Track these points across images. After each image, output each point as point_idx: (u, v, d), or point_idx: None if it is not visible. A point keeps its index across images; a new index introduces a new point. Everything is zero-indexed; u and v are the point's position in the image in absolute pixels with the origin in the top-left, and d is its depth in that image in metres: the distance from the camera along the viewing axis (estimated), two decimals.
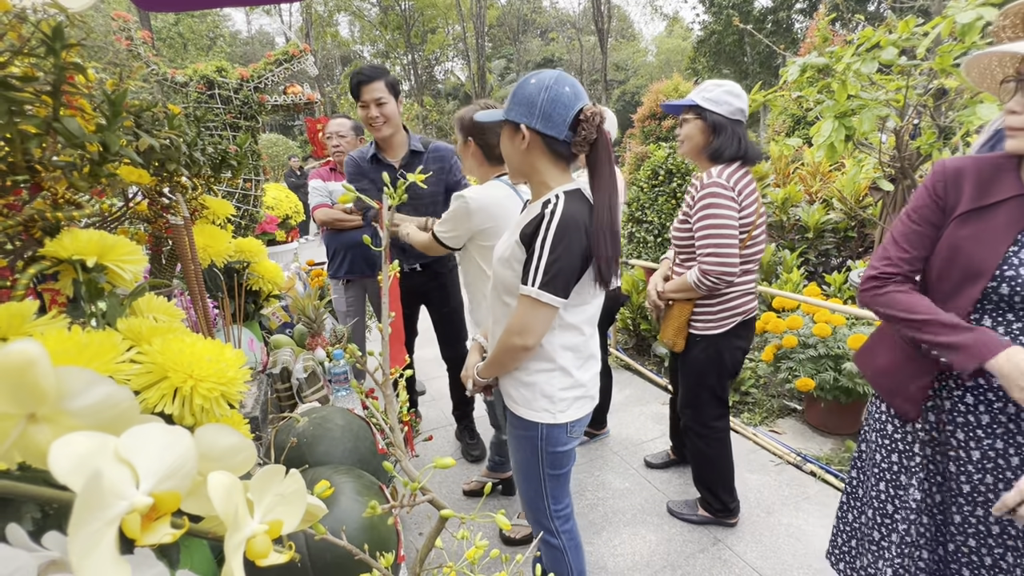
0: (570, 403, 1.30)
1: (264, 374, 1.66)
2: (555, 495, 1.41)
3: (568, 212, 1.15)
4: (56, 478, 0.27)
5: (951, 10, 2.29)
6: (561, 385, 1.28)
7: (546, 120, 1.17)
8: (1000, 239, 1.00)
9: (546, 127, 1.17)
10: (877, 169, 3.13)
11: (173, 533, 0.31)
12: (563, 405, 1.29)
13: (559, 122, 1.17)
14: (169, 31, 21.82)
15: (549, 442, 1.32)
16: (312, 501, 0.44)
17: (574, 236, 1.14)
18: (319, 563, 0.84)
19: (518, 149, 1.21)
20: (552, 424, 1.30)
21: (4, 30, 0.80)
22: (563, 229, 1.14)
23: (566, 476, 1.41)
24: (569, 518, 1.46)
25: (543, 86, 1.16)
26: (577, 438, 1.37)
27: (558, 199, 1.17)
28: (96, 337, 0.61)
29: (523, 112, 1.17)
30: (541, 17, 33.45)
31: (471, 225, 1.71)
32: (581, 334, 1.29)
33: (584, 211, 1.19)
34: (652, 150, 5.41)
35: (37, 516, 0.53)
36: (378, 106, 2.17)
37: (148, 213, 1.31)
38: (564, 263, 1.14)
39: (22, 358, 0.30)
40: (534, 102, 1.16)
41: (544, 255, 1.14)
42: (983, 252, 1.01)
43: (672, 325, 1.93)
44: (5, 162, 0.73)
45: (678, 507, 2.19)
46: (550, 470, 1.37)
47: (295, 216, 6.73)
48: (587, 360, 1.33)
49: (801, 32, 20.41)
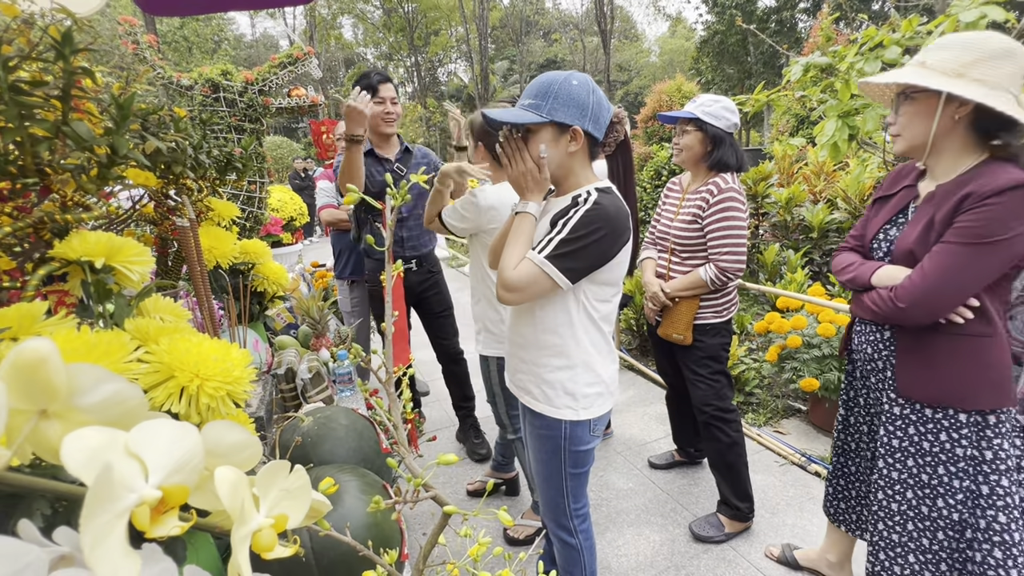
0: (593, 399, 1.29)
1: (269, 375, 1.67)
2: (575, 494, 1.40)
3: (603, 203, 1.16)
4: (68, 471, 0.28)
5: (955, 9, 2.28)
6: (585, 381, 1.28)
7: (595, 122, 1.18)
8: (882, 218, 1.38)
9: (595, 129, 1.19)
10: (881, 168, 3.12)
11: (181, 526, 0.31)
12: (586, 402, 1.29)
13: (604, 124, 1.20)
14: (174, 35, 21.97)
15: (573, 440, 1.31)
16: (316, 497, 0.44)
17: (604, 228, 1.14)
18: (323, 560, 0.85)
19: (563, 151, 1.19)
20: (575, 421, 1.29)
21: (13, 35, 0.82)
22: (594, 218, 1.14)
23: (586, 475, 1.41)
24: (586, 518, 1.46)
25: (589, 88, 1.17)
26: (599, 436, 1.36)
27: (590, 193, 1.19)
28: (105, 337, 0.62)
29: (574, 114, 1.15)
30: (544, 18, 33.48)
31: (479, 221, 1.76)
32: (602, 330, 1.29)
33: (622, 208, 1.20)
34: (655, 151, 5.41)
35: (47, 512, 0.54)
36: (392, 104, 2.35)
37: (154, 215, 1.32)
38: (580, 247, 1.14)
39: (35, 355, 0.31)
40: (585, 104, 1.16)
41: (563, 232, 1.14)
42: (871, 227, 1.41)
43: (682, 320, 1.98)
44: (15, 165, 0.75)
45: (702, 528, 2.06)
46: (572, 469, 1.36)
47: (299, 218, 6.77)
48: (608, 356, 1.33)
49: (805, 32, 20.36)
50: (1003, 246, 1.14)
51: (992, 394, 1.23)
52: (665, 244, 2.05)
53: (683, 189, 2.08)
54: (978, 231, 1.14)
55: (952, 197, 1.19)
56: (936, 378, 1.26)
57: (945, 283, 1.18)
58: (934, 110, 1.17)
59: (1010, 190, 1.11)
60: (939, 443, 1.28)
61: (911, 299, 1.21)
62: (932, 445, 1.29)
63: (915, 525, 1.34)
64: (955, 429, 1.26)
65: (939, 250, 1.19)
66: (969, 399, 1.24)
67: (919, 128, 1.22)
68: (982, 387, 1.23)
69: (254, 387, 0.77)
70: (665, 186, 2.23)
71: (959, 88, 1.11)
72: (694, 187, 2.00)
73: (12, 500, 0.53)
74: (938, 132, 1.19)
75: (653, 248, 2.16)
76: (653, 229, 2.16)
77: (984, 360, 1.23)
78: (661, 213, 2.13)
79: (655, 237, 2.13)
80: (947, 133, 1.19)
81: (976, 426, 1.25)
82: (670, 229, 2.02)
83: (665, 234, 2.05)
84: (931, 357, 1.27)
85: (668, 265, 2.04)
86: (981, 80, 1.12)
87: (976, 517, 1.27)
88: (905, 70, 1.22)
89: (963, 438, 1.26)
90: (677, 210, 2.03)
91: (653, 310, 2.08)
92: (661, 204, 2.16)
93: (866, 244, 1.40)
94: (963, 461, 1.26)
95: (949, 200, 1.19)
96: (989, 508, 1.25)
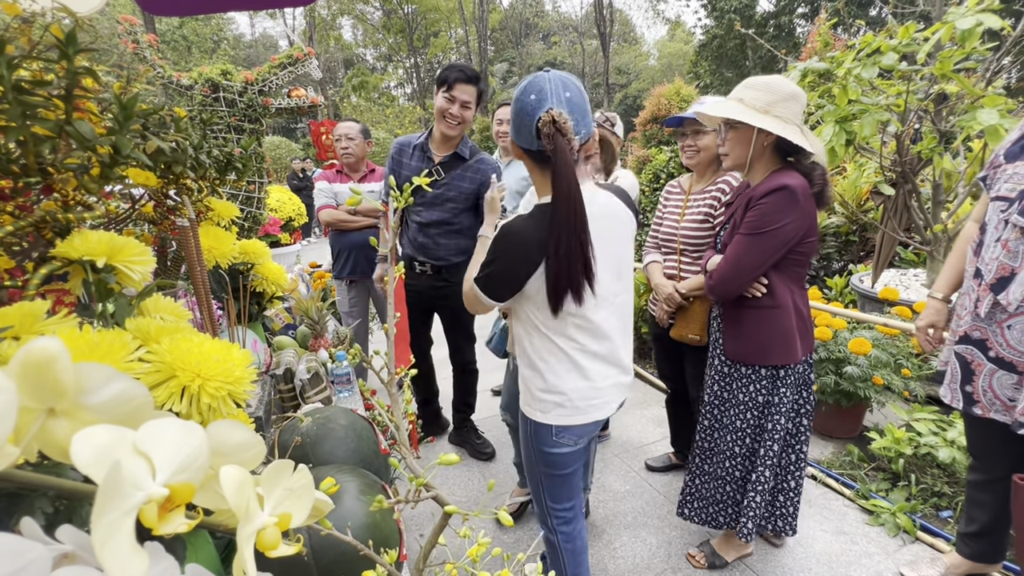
0: (550, 407, 1.29)
1: (268, 375, 1.67)
2: (552, 495, 1.42)
3: (507, 226, 1.16)
4: (78, 468, 0.28)
5: (951, 16, 2.30)
6: (538, 386, 1.30)
7: (517, 133, 1.17)
8: (722, 220, 1.77)
9: (519, 140, 1.17)
10: (878, 173, 3.14)
11: (187, 523, 0.32)
12: (541, 406, 1.30)
13: (526, 133, 1.13)
14: (173, 34, 21.94)
15: (537, 439, 1.34)
16: (319, 496, 0.45)
17: (500, 251, 1.16)
18: (323, 560, 0.85)
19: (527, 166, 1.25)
20: (537, 422, 1.32)
21: (15, 35, 0.82)
22: (497, 240, 1.16)
23: (564, 479, 1.41)
24: (570, 521, 1.47)
25: (515, 98, 1.16)
26: (568, 446, 1.34)
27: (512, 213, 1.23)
28: (107, 336, 0.62)
29: (512, 129, 1.20)
30: (543, 21, 33.57)
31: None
32: (562, 346, 1.24)
33: (526, 228, 1.14)
34: (653, 154, 5.42)
35: (49, 511, 0.54)
36: (462, 107, 2.15)
37: (154, 215, 1.32)
38: (491, 272, 1.18)
39: (44, 354, 0.31)
40: (513, 117, 1.17)
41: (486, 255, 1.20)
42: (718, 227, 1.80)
43: (697, 320, 1.99)
44: (18, 164, 0.75)
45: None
46: (544, 468, 1.38)
47: (298, 218, 6.76)
48: (573, 371, 1.26)
49: (803, 37, 20.44)
50: (772, 235, 1.49)
51: (781, 352, 1.61)
52: (672, 246, 2.06)
53: (685, 191, 2.09)
54: (754, 224, 1.51)
55: (744, 200, 1.58)
56: (744, 341, 1.65)
57: (737, 264, 1.56)
58: (750, 138, 1.53)
59: (773, 192, 1.48)
60: (747, 393, 1.69)
61: (718, 278, 1.61)
62: (744, 396, 1.69)
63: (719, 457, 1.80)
64: (757, 380, 1.67)
65: (734, 240, 1.58)
66: (764, 355, 1.63)
67: (741, 150, 1.57)
68: (775, 347, 1.61)
69: (254, 387, 0.78)
70: (664, 189, 2.24)
71: (767, 124, 1.46)
72: (699, 187, 2.02)
73: (14, 498, 0.53)
74: (754, 154, 1.55)
75: (656, 251, 2.16)
76: (656, 232, 2.17)
77: (774, 326, 1.60)
78: (664, 216, 2.13)
79: (659, 240, 2.13)
80: (759, 154, 1.56)
81: (771, 378, 1.66)
82: (677, 230, 2.02)
83: (671, 236, 2.05)
84: (741, 326, 1.66)
85: (678, 266, 2.05)
86: (779, 116, 1.48)
87: (759, 445, 1.71)
88: (731, 105, 1.54)
89: (762, 388, 1.67)
90: (682, 211, 2.04)
91: (667, 311, 2.05)
92: (662, 207, 2.17)
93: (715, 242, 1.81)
94: (762, 406, 1.69)
95: (743, 203, 1.59)
96: (769, 440, 1.69)
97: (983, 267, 1.41)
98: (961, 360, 1.52)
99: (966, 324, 1.49)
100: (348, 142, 2.82)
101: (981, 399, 1.48)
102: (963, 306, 1.52)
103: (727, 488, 1.81)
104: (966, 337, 1.49)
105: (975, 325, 1.46)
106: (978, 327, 1.45)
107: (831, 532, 2.07)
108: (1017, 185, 1.31)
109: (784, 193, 1.46)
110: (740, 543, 1.91)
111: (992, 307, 1.39)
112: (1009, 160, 1.37)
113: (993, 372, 1.43)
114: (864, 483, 2.28)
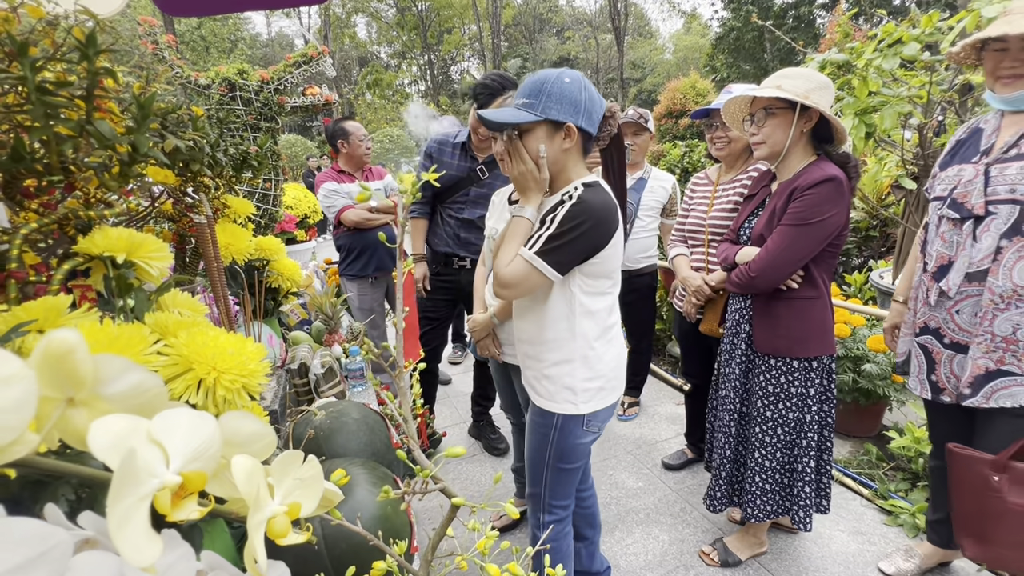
0: (593, 394, 1.31)
1: (283, 369, 1.70)
2: (554, 489, 1.43)
3: (586, 198, 1.18)
4: (95, 455, 0.29)
5: (977, 3, 2.24)
6: (583, 376, 1.29)
7: (588, 118, 1.21)
8: (746, 212, 1.76)
9: (589, 125, 1.21)
10: (900, 167, 3.06)
11: (200, 511, 0.33)
12: (585, 396, 1.30)
13: (596, 120, 1.23)
14: (192, 34, 22.29)
15: (562, 433, 1.34)
16: (329, 487, 0.46)
17: (589, 221, 1.16)
18: (335, 550, 0.87)
19: (558, 148, 1.22)
20: (570, 415, 1.32)
21: (38, 36, 0.84)
22: (579, 212, 1.16)
23: (571, 474, 1.42)
24: (562, 520, 1.47)
25: (581, 85, 1.19)
26: (593, 433, 1.38)
27: (577, 189, 1.21)
28: (126, 330, 0.64)
29: (568, 111, 1.18)
30: (557, 16, 33.36)
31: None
32: (603, 323, 1.30)
33: (608, 200, 1.21)
34: (668, 148, 5.37)
35: (71, 498, 0.56)
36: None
37: (173, 212, 1.35)
38: (567, 242, 1.16)
39: (64, 346, 0.32)
40: (578, 101, 1.18)
41: (551, 228, 1.16)
42: (738, 221, 1.77)
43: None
44: (41, 163, 0.77)
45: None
46: (556, 462, 1.38)
47: (313, 216, 6.84)
48: (610, 348, 1.33)
49: (822, 28, 20.02)
50: (819, 226, 1.49)
51: (818, 343, 1.60)
52: (699, 238, 2.03)
53: (713, 182, 2.06)
54: (800, 215, 1.50)
55: (786, 191, 1.55)
56: (781, 333, 1.63)
57: (781, 256, 1.53)
58: (790, 123, 1.52)
59: (821, 183, 1.47)
60: (779, 385, 1.66)
61: (759, 269, 1.57)
62: (775, 387, 1.67)
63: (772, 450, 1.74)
64: (790, 372, 1.64)
65: (777, 232, 1.55)
66: (802, 347, 1.60)
67: (780, 135, 1.55)
68: (812, 338, 1.60)
69: (268, 380, 0.79)
70: (690, 182, 2.21)
71: (818, 103, 1.47)
72: (729, 177, 1.99)
73: (39, 486, 0.55)
74: (792, 140, 1.53)
75: (683, 244, 2.13)
76: (681, 225, 2.14)
77: (813, 316, 1.60)
78: (691, 208, 2.10)
79: (685, 233, 2.11)
80: (797, 141, 1.55)
81: (804, 369, 1.63)
82: (704, 222, 1.99)
83: (698, 228, 2.02)
84: (777, 317, 1.63)
85: (706, 258, 2.02)
86: (816, 103, 1.48)
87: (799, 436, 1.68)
88: (773, 89, 1.52)
89: (794, 379, 1.64)
90: (710, 203, 2.01)
91: (696, 305, 2.00)
92: (688, 199, 2.14)
93: (737, 235, 1.77)
94: (795, 397, 1.65)
95: (784, 193, 1.56)
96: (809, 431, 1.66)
97: (928, 260, 1.54)
98: (924, 350, 1.58)
99: (923, 315, 1.57)
100: (368, 143, 2.88)
101: (947, 386, 1.53)
102: (917, 299, 1.61)
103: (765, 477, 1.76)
104: (925, 327, 1.57)
105: (930, 315, 1.54)
106: (932, 316, 1.54)
107: (848, 532, 2.04)
108: (948, 186, 1.48)
109: (832, 184, 1.46)
110: (754, 541, 1.89)
111: (939, 296, 1.49)
112: (942, 169, 1.54)
113: (952, 358, 1.50)
114: (883, 483, 2.24)
